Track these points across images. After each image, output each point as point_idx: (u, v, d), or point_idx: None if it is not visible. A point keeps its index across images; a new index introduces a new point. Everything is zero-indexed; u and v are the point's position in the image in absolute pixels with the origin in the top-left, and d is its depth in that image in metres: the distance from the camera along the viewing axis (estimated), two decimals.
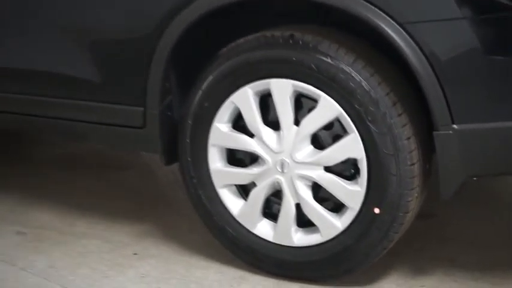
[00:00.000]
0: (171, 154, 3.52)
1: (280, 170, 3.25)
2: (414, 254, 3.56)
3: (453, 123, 2.98)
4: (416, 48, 2.96)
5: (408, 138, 3.07)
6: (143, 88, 3.44)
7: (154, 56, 3.38)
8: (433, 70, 2.95)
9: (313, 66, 3.10)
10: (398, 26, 2.96)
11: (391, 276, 3.38)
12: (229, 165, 3.40)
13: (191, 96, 3.38)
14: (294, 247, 3.31)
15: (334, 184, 3.18)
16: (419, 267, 3.44)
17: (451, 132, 2.99)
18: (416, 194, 3.13)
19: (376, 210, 3.13)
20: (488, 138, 2.99)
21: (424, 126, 3.14)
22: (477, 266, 3.43)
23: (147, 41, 3.38)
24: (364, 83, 3.06)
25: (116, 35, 3.50)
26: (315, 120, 3.17)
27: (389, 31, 2.97)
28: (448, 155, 3.02)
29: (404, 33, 2.96)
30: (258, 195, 3.33)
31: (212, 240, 3.54)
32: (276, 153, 3.24)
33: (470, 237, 3.70)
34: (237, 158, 3.42)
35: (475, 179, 3.16)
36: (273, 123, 3.26)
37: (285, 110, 3.20)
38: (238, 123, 3.35)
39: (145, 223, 3.93)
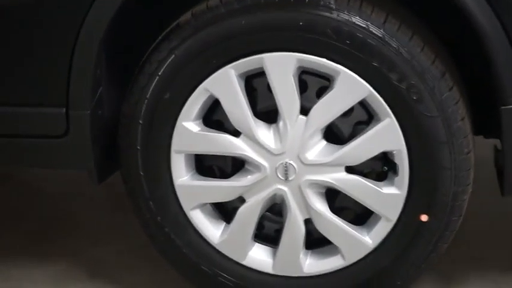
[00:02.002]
0: (104, 168, 2.68)
1: (282, 177, 2.53)
2: None
3: None
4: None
5: (463, 119, 2.45)
6: (63, 81, 2.54)
7: (81, 31, 2.49)
8: (502, 23, 2.35)
9: (329, 31, 2.40)
10: None
11: None
12: (202, 177, 2.63)
13: (138, 85, 2.56)
14: (304, 277, 2.62)
15: (362, 189, 2.53)
16: (447, 275, 2.88)
17: None
18: (471, 190, 2.53)
19: (424, 218, 2.53)
20: None
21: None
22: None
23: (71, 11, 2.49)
24: (403, 50, 2.39)
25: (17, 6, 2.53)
26: (332, 106, 2.47)
27: None
28: None
29: None
30: (250, 214, 2.59)
31: (170, 278, 2.82)
32: (275, 155, 2.52)
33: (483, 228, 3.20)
34: (206, 166, 2.66)
35: None
36: (265, 115, 2.55)
37: (287, 94, 2.47)
38: (210, 119, 2.61)
39: (57, 262, 3.05)
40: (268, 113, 2.56)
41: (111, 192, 3.49)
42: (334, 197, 2.63)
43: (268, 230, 2.69)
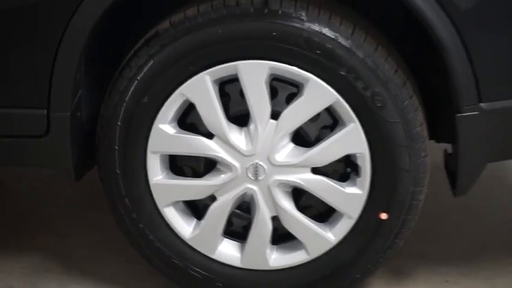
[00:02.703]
0: (81, 167, 2.61)
1: (252, 177, 2.49)
2: None
3: (480, 101, 2.40)
4: (440, 10, 2.32)
5: (421, 125, 2.45)
6: (46, 84, 2.46)
7: (63, 38, 2.42)
8: (460, 36, 2.34)
9: (300, 41, 2.36)
10: None
11: (376, 285, 2.75)
12: (176, 176, 2.57)
13: (117, 89, 2.49)
14: (270, 271, 2.58)
15: (326, 188, 2.50)
16: (397, 269, 2.84)
17: (477, 113, 2.40)
18: (426, 191, 2.53)
19: (383, 216, 2.50)
20: None
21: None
22: (458, 259, 2.93)
23: (56, 14, 2.41)
24: (369, 60, 2.37)
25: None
26: (301, 111, 2.44)
27: None
28: (472, 140, 2.43)
29: None
30: (221, 212, 2.54)
31: (142, 271, 2.77)
32: (246, 156, 2.48)
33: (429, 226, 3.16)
34: (179, 166, 2.60)
35: None
36: (237, 119, 2.50)
37: (259, 100, 2.43)
38: (185, 122, 2.55)
39: (32, 254, 2.96)
40: (240, 117, 2.50)
41: (79, 189, 3.38)
42: (299, 195, 2.57)
43: (237, 227, 2.63)
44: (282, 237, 2.61)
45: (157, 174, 2.55)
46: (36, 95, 2.50)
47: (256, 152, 2.48)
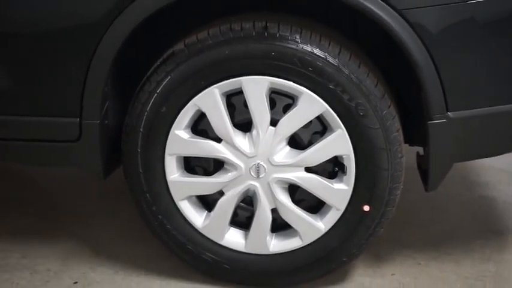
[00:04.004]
0: (108, 167, 2.65)
1: (255, 175, 2.53)
2: None
3: (447, 111, 2.45)
4: (414, 34, 2.37)
5: (398, 131, 2.49)
6: (78, 96, 2.52)
7: (93, 58, 2.47)
8: (431, 56, 2.38)
9: (295, 60, 2.40)
10: (394, 12, 2.35)
11: (358, 268, 2.79)
12: (190, 174, 2.62)
13: (139, 100, 2.54)
14: (270, 255, 2.62)
15: (317, 185, 2.53)
16: (375, 254, 2.87)
17: (445, 120, 2.45)
18: (402, 187, 2.57)
19: (366, 208, 2.54)
20: (476, 124, 2.48)
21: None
22: (428, 245, 2.95)
23: (87, 41, 2.47)
24: (353, 76, 2.42)
25: (43, 36, 2.50)
26: (296, 119, 2.48)
27: (386, 17, 2.35)
28: (441, 144, 2.48)
29: (401, 18, 2.36)
30: (228, 205, 2.58)
31: (160, 254, 2.79)
32: (249, 157, 2.52)
33: (403, 217, 3.17)
34: (191, 166, 2.64)
35: None
36: (241, 126, 2.54)
37: (260, 110, 2.47)
38: (197, 128, 2.58)
39: (65, 241, 2.99)
40: (244, 124, 2.54)
41: (104, 186, 3.36)
42: (294, 191, 2.60)
43: (241, 217, 2.66)
44: (279, 226, 2.63)
45: (173, 173, 2.58)
46: (70, 106, 2.55)
47: (258, 154, 2.52)
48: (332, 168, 2.59)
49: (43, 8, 2.49)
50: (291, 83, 2.44)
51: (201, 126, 2.58)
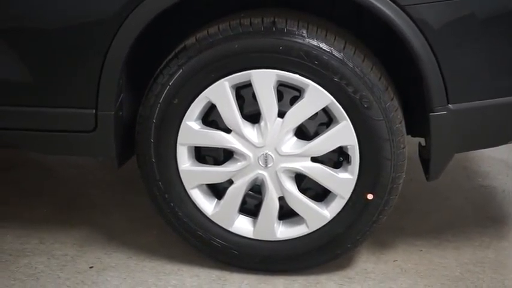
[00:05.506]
0: (122, 156, 2.69)
1: (263, 164, 2.56)
2: None
3: (448, 103, 2.47)
4: (416, 28, 2.39)
5: (400, 122, 2.52)
6: (94, 89, 2.55)
7: (108, 53, 2.51)
8: (432, 51, 2.41)
9: (302, 54, 2.43)
10: (398, 8, 2.38)
11: (362, 254, 2.82)
12: (200, 163, 2.65)
13: (152, 92, 2.56)
14: (277, 241, 2.64)
15: (323, 174, 2.56)
16: (379, 241, 2.90)
17: (446, 112, 2.47)
18: (404, 176, 2.59)
19: (370, 196, 2.56)
20: (476, 115, 2.51)
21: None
22: (430, 232, 2.97)
23: (102, 36, 2.50)
24: (357, 69, 2.45)
25: (62, 32, 2.54)
26: (302, 111, 2.51)
27: (389, 13, 2.38)
28: (442, 135, 2.51)
29: (404, 14, 2.39)
30: (237, 193, 2.61)
31: (171, 240, 2.82)
32: (258, 147, 2.55)
33: (406, 205, 3.19)
34: (202, 155, 2.67)
35: None
36: (250, 117, 2.57)
37: (268, 102, 2.50)
38: (207, 120, 2.61)
39: (81, 228, 3.02)
40: (252, 116, 2.57)
41: (117, 175, 3.44)
42: (301, 180, 2.63)
43: (250, 205, 2.69)
44: (286, 213, 2.66)
45: (185, 162, 2.62)
46: (87, 97, 2.58)
47: (266, 144, 2.55)
48: (337, 158, 2.61)
49: (64, 5, 2.52)
50: (297, 76, 2.47)
51: (211, 118, 2.61)
